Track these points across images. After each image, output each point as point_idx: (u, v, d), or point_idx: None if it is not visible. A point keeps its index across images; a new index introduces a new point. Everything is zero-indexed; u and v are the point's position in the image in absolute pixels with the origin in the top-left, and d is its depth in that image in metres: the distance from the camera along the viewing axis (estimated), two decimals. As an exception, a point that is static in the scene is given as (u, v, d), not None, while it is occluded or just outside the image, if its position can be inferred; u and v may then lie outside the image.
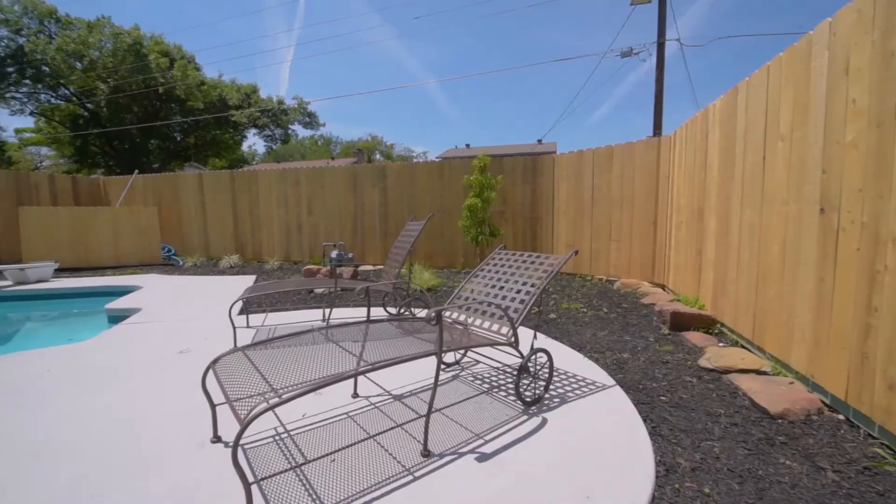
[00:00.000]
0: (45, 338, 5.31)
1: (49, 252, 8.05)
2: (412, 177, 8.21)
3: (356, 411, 2.31)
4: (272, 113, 34.39)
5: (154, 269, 8.35)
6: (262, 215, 9.28)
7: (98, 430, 2.13)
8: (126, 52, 24.56)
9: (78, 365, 3.08)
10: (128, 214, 8.84)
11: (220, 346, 3.42)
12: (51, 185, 9.77)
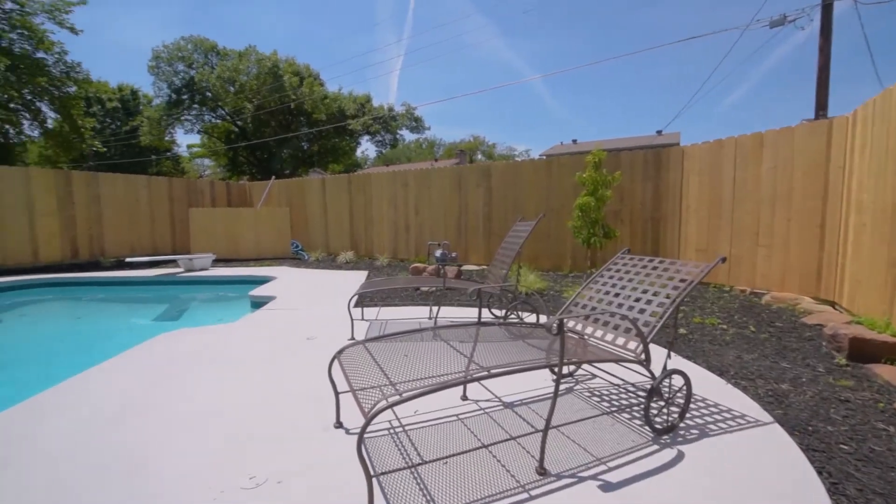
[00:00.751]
0: (204, 316, 6.38)
1: (209, 245, 9.70)
2: (517, 176, 8.02)
3: (466, 415, 2.25)
4: (383, 120, 37.01)
5: (285, 262, 9.51)
6: (374, 215, 9.95)
7: (241, 403, 2.41)
8: (266, 75, 28.63)
9: (227, 342, 3.58)
10: (266, 214, 10.22)
11: (340, 335, 3.69)
12: (211, 190, 11.78)
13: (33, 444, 1.97)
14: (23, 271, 7.89)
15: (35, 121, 16.04)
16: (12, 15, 14.04)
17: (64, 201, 8.90)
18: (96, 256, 9.37)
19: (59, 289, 7.10)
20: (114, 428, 2.12)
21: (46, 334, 5.52)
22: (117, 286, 7.34)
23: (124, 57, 71.58)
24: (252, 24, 74.83)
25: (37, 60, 14.51)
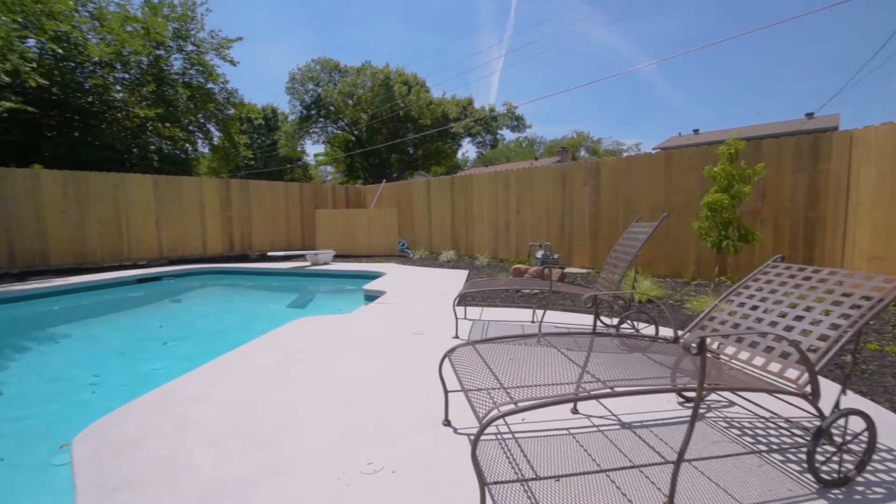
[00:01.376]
0: (326, 306, 7.14)
1: (330, 242, 10.83)
2: (630, 172, 7.37)
3: (578, 430, 2.11)
4: (484, 121, 37.35)
5: (392, 259, 10.17)
6: (475, 215, 10.07)
7: (360, 389, 2.61)
8: (379, 87, 31.00)
9: (348, 332, 3.93)
10: (377, 215, 11.05)
11: (444, 332, 3.79)
12: (333, 194, 13.16)
13: (206, 402, 2.38)
14: (195, 260, 9.76)
15: (205, 139, 19.71)
16: (191, 55, 17.44)
17: (224, 204, 10.79)
18: (246, 250, 11.17)
19: (219, 276, 8.60)
20: (260, 398, 2.47)
21: (211, 313, 6.73)
22: (260, 275, 8.62)
23: (268, 81, 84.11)
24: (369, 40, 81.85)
25: (207, 90, 17.79)
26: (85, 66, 14.51)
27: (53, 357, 4.50)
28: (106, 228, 8.99)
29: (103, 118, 15.29)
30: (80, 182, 8.65)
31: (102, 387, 3.64)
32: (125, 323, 6.20)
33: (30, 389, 3.58)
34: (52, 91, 12.53)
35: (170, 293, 7.54)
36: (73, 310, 6.37)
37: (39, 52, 12.78)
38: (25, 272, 7.89)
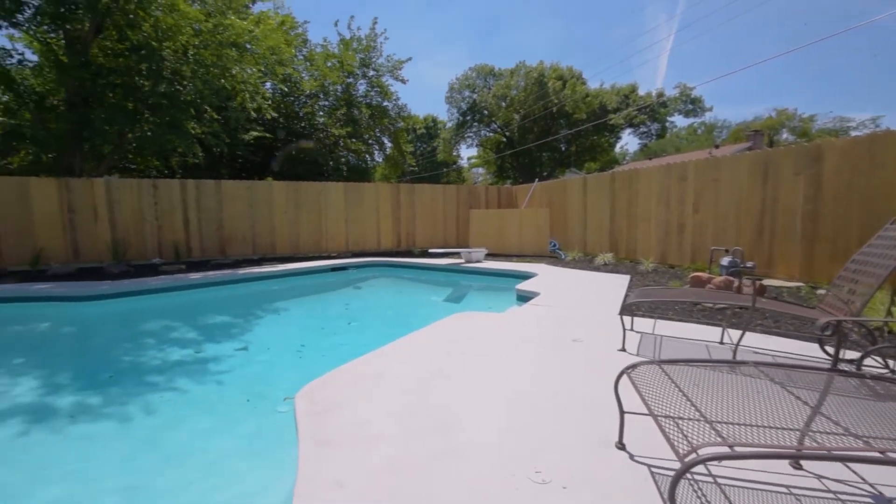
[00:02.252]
0: (479, 303, 7.42)
1: (482, 241, 11.23)
2: (871, 156, 5.52)
3: (802, 492, 1.66)
4: (649, 109, 33.40)
5: (543, 260, 9.94)
6: (639, 214, 9.05)
7: (524, 391, 2.59)
8: (533, 85, 30.70)
9: (504, 331, 3.98)
10: (529, 214, 10.96)
11: (606, 343, 3.49)
12: (486, 194, 13.62)
13: (387, 380, 2.71)
14: (371, 254, 11.37)
15: (380, 150, 22.80)
16: (372, 79, 20.35)
17: (395, 206, 12.27)
18: (410, 247, 12.48)
19: (389, 268, 9.80)
20: (432, 384, 2.67)
21: (383, 300, 7.73)
22: (422, 269, 9.50)
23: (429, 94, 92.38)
24: (523, 41, 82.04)
25: (383, 108, 20.50)
26: (300, 99, 18.34)
27: (275, 325, 5.81)
28: (311, 226, 11.25)
29: (311, 138, 19.08)
30: (296, 190, 11.05)
31: (307, 352, 4.52)
32: (322, 302, 7.60)
33: (262, 348, 4.69)
34: (279, 120, 16.22)
35: (353, 281, 8.94)
36: (288, 289, 8.12)
37: (272, 91, 16.70)
38: (261, 258, 10.46)
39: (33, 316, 5.92)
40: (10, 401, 3.30)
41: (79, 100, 9.11)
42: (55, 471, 2.40)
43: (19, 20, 8.58)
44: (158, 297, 6.76)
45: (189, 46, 9.90)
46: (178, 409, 3.18)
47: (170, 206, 9.85)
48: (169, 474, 2.36)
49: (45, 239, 8.91)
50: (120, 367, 4.11)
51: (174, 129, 10.06)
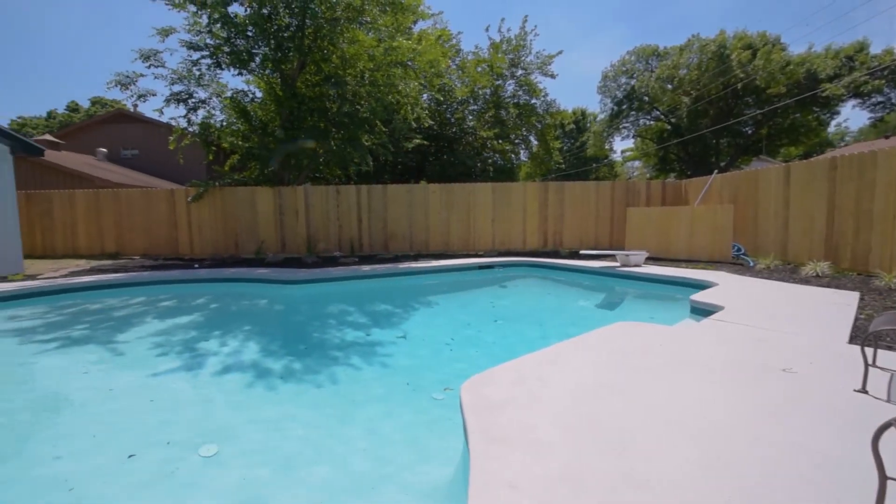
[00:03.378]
0: (638, 312, 6.62)
1: (641, 243, 10.04)
2: None
3: None
4: (888, 71, 25.03)
5: (722, 266, 8.32)
6: (876, 211, 6.79)
7: (714, 421, 2.14)
8: (709, 60, 26.17)
9: (674, 347, 3.41)
10: (703, 213, 9.32)
11: (832, 377, 2.67)
12: (647, 190, 12.15)
13: (549, 386, 2.59)
14: (516, 254, 11.32)
15: (526, 148, 22.59)
16: (520, 78, 20.28)
17: (542, 205, 11.97)
18: (557, 247, 12.00)
19: (535, 269, 9.59)
20: (599, 397, 2.44)
21: (529, 300, 7.58)
22: (570, 271, 9.01)
23: (580, 85, 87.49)
24: (691, 13, 70.76)
25: (531, 105, 20.24)
26: (451, 105, 19.47)
27: (428, 317, 6.21)
28: (461, 226, 11.83)
29: (460, 142, 20.10)
30: (448, 192, 11.76)
31: (455, 346, 4.69)
32: (469, 299, 7.87)
33: (417, 337, 5.06)
34: (433, 128, 17.50)
35: (498, 280, 9.03)
36: (439, 284, 8.66)
37: (428, 101, 18.13)
38: (417, 255, 11.46)
39: (256, 293, 7.65)
40: (239, 356, 4.29)
41: (289, 124, 11.45)
42: (261, 416, 3.01)
43: (252, 67, 11.21)
44: (339, 284, 8.00)
45: (365, 71, 11.45)
46: (353, 381, 3.66)
47: (348, 207, 11.60)
48: (346, 431, 2.71)
49: (265, 234, 11.50)
50: (311, 341, 4.97)
51: (353, 142, 11.79)
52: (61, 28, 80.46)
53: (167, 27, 10.16)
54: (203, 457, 2.43)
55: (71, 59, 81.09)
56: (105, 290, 7.33)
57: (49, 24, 78.88)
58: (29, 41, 78.97)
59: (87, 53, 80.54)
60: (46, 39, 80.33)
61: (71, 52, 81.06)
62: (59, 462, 2.42)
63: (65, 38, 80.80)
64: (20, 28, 77.75)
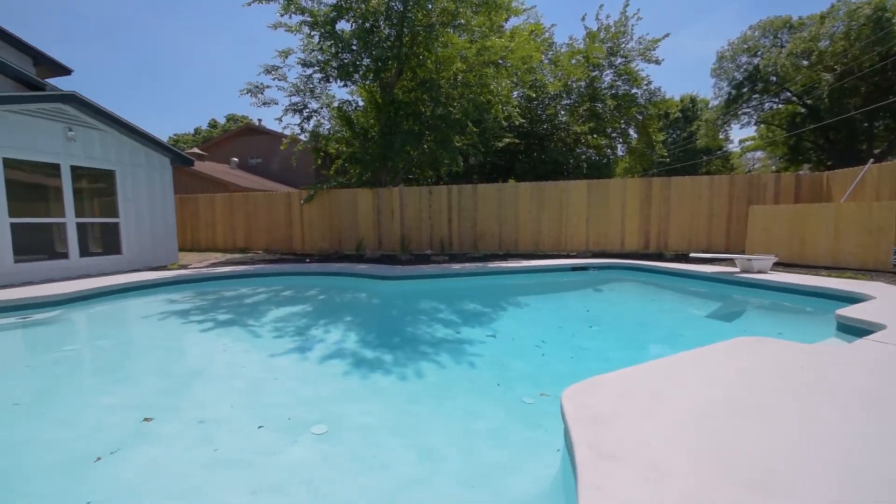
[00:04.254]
0: (763, 326, 5.74)
1: (766, 246, 8.70)
2: None
3: None
4: None
5: (880, 276, 6.85)
6: None
7: (867, 468, 1.77)
8: (862, 27, 21.69)
9: (816, 371, 2.88)
10: (853, 211, 7.76)
11: None
12: (775, 185, 10.48)
13: (666, 402, 2.38)
14: (613, 255, 10.61)
15: (624, 142, 21.02)
16: (619, 67, 18.90)
17: (644, 203, 11.04)
18: (660, 249, 10.98)
19: (634, 272, 8.89)
20: (728, 421, 2.16)
21: (628, 306, 7.04)
22: (676, 276, 8.16)
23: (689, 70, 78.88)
24: (839, -30, 59.08)
25: (631, 95, 18.77)
26: (543, 101, 18.91)
27: (517, 318, 6.11)
28: (552, 225, 11.45)
29: (551, 139, 19.44)
30: (540, 190, 11.47)
31: (547, 349, 4.53)
32: (560, 301, 7.57)
33: (507, 338, 5.00)
34: (524, 125, 17.16)
35: (593, 282, 8.54)
36: (528, 285, 8.48)
37: (519, 98, 17.84)
38: (506, 254, 11.38)
39: (357, 287, 8.27)
40: (341, 345, 4.66)
41: (387, 129, 12.17)
42: (358, 401, 3.22)
43: (355, 78, 12.12)
44: (431, 281, 8.28)
45: (458, 72, 11.67)
46: (443, 377, 3.74)
47: (439, 207, 11.96)
48: (435, 424, 2.78)
49: (364, 232, 12.38)
50: (404, 335, 5.21)
51: (444, 144, 12.11)
52: (204, 58, 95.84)
53: (287, 49, 11.49)
54: (314, 434, 2.69)
55: (211, 84, 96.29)
56: (237, 279, 8.55)
57: (196, 55, 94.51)
58: (181, 70, 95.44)
59: (223, 78, 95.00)
60: (194, 68, 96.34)
61: (211, 78, 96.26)
62: (202, 425, 2.87)
63: (207, 65, 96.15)
64: (174, 60, 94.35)
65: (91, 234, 8.97)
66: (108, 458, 2.43)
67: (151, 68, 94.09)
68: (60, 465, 2.41)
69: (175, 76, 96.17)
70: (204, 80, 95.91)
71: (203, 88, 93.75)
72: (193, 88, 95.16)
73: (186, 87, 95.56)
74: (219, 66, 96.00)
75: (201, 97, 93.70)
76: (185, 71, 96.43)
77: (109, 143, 9.05)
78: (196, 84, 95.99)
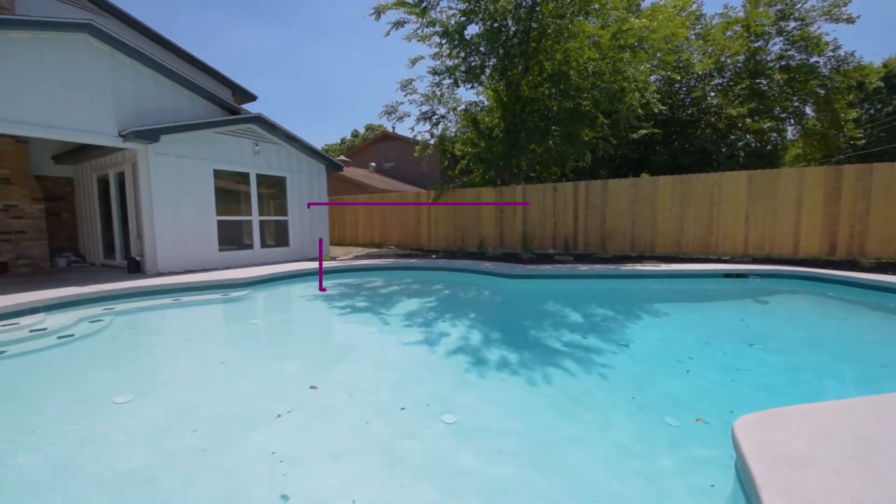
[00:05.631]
0: None
1: None
2: None
3: None
4: None
5: None
6: None
7: None
8: None
9: None
10: None
11: None
12: None
13: (881, 451, 1.88)
14: (782, 261, 8.79)
15: (798, 124, 17.23)
16: (792, 33, 15.53)
17: (830, 197, 8.88)
18: (853, 255, 8.70)
19: (814, 283, 7.22)
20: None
21: (806, 326, 5.74)
22: (880, 291, 6.38)
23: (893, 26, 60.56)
24: None
25: (810, 66, 15.30)
26: (688, 84, 16.65)
27: (654, 328, 5.46)
28: (699, 224, 10.01)
29: (697, 125, 17.02)
30: (684, 184, 10.13)
31: (694, 368, 3.93)
32: (710, 313, 6.56)
33: (643, 349, 4.50)
34: (663, 112, 15.33)
35: (753, 293, 7.20)
36: (669, 292, 7.55)
37: (658, 83, 16.01)
38: (640, 256, 10.35)
39: (481, 284, 8.44)
40: (467, 340, 4.77)
41: (512, 127, 12.14)
42: (482, 397, 3.23)
43: (482, 79, 12.34)
44: (556, 281, 8.01)
45: (589, 62, 11.00)
46: (569, 383, 3.54)
47: (564, 204, 11.48)
48: (562, 431, 2.64)
49: (486, 230, 12.59)
50: (528, 336, 5.10)
51: (571, 139, 11.56)
52: (348, 74, 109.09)
53: (417, 56, 12.34)
54: (445, 423, 2.81)
55: (354, 100, 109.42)
56: (374, 271, 9.52)
57: (342, 75, 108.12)
58: (330, 89, 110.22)
59: (364, 94, 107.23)
60: (340, 84, 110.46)
61: (354, 95, 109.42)
62: (352, 399, 3.23)
63: (351, 81, 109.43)
64: (325, 77, 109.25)
65: (267, 229, 10.95)
66: (285, 416, 2.91)
67: (305, 89, 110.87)
68: (253, 417, 2.97)
69: (325, 95, 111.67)
70: (348, 97, 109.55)
71: (347, 104, 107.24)
72: (339, 104, 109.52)
73: (334, 103, 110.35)
74: (360, 83, 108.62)
75: (346, 111, 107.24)
76: (334, 89, 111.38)
77: (283, 154, 10.91)
78: (342, 100, 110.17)
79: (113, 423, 2.84)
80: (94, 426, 2.82)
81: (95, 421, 2.89)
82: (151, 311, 6.12)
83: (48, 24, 6.98)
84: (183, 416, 2.95)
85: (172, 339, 5.17)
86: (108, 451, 2.52)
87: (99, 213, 9.95)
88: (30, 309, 5.33)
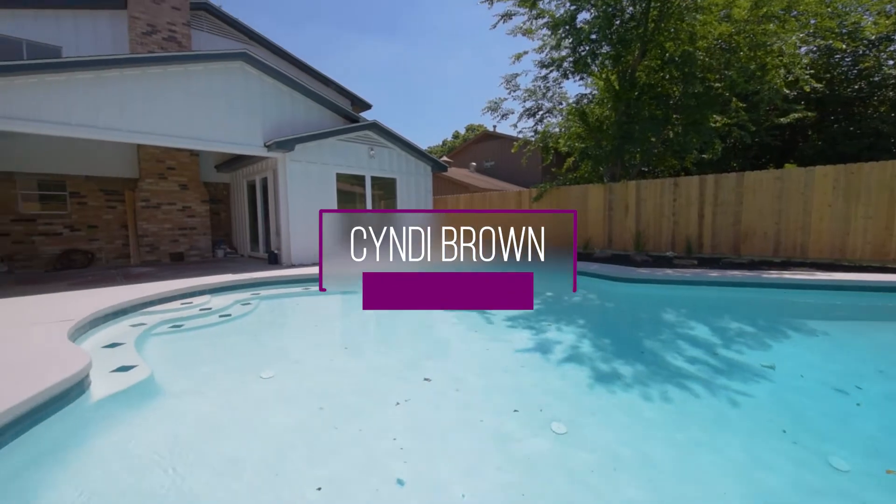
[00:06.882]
0: None
1: None
2: None
3: None
4: None
5: None
6: None
7: None
8: None
9: None
10: None
11: None
12: None
13: None
14: None
15: None
16: None
17: None
18: None
19: None
20: None
21: None
22: None
23: None
24: None
25: None
26: (855, 52, 13.59)
27: (808, 349, 4.54)
28: (872, 224, 8.07)
29: (868, 103, 13.81)
30: (850, 174, 8.25)
31: (866, 402, 3.16)
32: (886, 336, 5.25)
33: (792, 372, 3.75)
34: (816, 91, 12.72)
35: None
36: (827, 306, 6.24)
37: (813, 55, 13.36)
38: (785, 261, 8.75)
39: (588, 286, 7.97)
40: (577, 347, 4.51)
41: (625, 118, 11.23)
42: (594, 410, 2.98)
43: (592, 69, 11.63)
44: (679, 288, 7.18)
45: (721, 38, 9.64)
46: (695, 407, 3.10)
47: (686, 201, 10.24)
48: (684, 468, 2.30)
49: (592, 229, 11.86)
50: (643, 347, 4.63)
51: (696, 127, 10.26)
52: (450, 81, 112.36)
53: (520, 52, 12.11)
54: (556, 433, 2.69)
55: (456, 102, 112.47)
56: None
57: (444, 79, 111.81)
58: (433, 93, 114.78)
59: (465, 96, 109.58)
60: (442, 87, 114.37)
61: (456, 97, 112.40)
62: (461, 395, 3.28)
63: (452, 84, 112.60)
64: (427, 82, 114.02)
65: (378, 227, 11.82)
66: (403, 405, 3.08)
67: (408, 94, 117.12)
68: (374, 404, 3.20)
69: (427, 99, 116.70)
70: (450, 100, 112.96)
71: (450, 106, 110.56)
72: (442, 107, 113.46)
73: (437, 106, 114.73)
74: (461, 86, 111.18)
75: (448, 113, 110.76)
76: (435, 93, 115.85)
77: (394, 157, 11.65)
78: (444, 103, 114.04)
79: (263, 395, 3.33)
80: (248, 395, 3.34)
81: (249, 391, 3.42)
82: (287, 297, 7.03)
83: (216, 56, 8.44)
84: (312, 394, 3.33)
85: (304, 323, 5.87)
86: (258, 417, 2.96)
87: (247, 212, 11.76)
88: (199, 291, 6.52)
